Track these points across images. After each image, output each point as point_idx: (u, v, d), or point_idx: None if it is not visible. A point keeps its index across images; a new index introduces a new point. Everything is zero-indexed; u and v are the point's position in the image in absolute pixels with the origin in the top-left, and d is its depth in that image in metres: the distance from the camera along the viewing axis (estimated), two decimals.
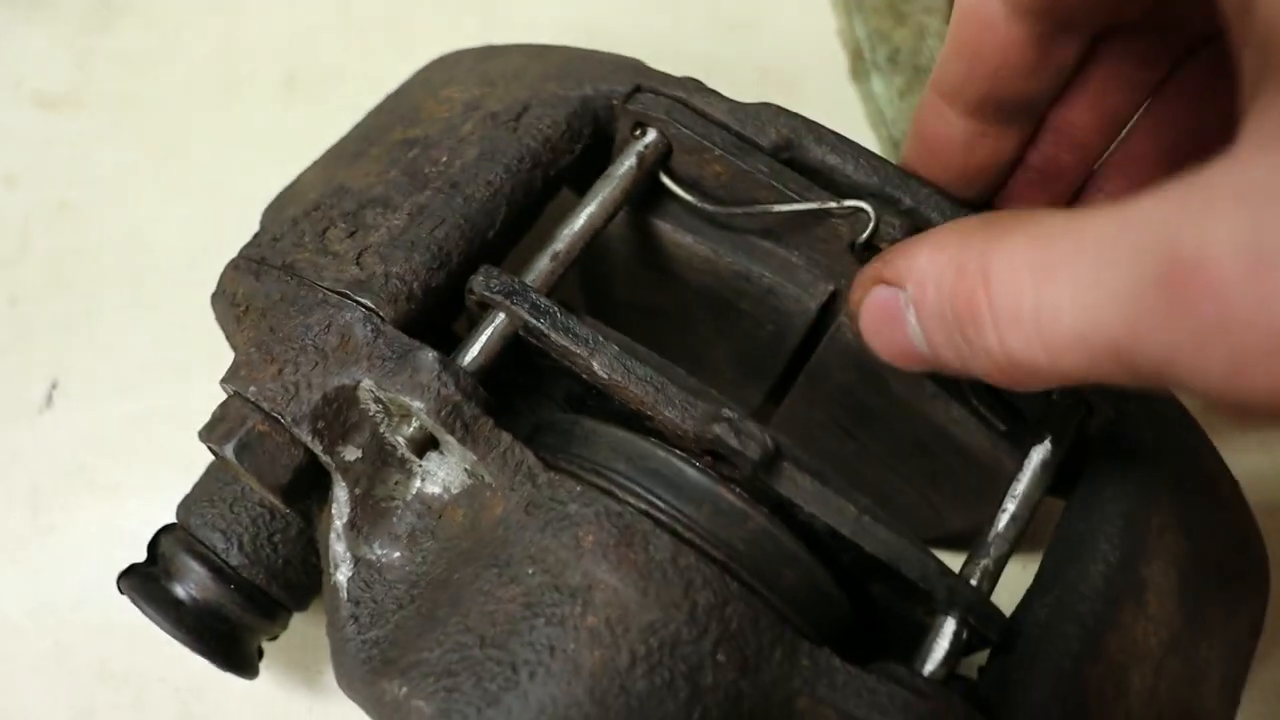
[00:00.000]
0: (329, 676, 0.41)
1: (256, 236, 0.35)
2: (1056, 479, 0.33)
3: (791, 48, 0.50)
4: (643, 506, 0.28)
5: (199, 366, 0.43)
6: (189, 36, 0.54)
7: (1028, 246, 0.23)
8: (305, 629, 0.41)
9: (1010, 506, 0.31)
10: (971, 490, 0.35)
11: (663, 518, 0.28)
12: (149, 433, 0.45)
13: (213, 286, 0.42)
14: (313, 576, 0.34)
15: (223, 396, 0.31)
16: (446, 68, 0.39)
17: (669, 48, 0.39)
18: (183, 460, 0.38)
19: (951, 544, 0.41)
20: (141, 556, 0.36)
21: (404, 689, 0.27)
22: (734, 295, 0.35)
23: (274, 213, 0.36)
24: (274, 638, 0.36)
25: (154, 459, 0.45)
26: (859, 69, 0.52)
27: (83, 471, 0.45)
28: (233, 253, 0.45)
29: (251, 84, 0.53)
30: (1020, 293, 0.23)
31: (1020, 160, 0.33)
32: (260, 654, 0.36)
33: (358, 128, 0.38)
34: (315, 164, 0.38)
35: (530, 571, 0.28)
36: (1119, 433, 0.33)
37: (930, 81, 0.32)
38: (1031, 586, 0.32)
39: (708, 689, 0.27)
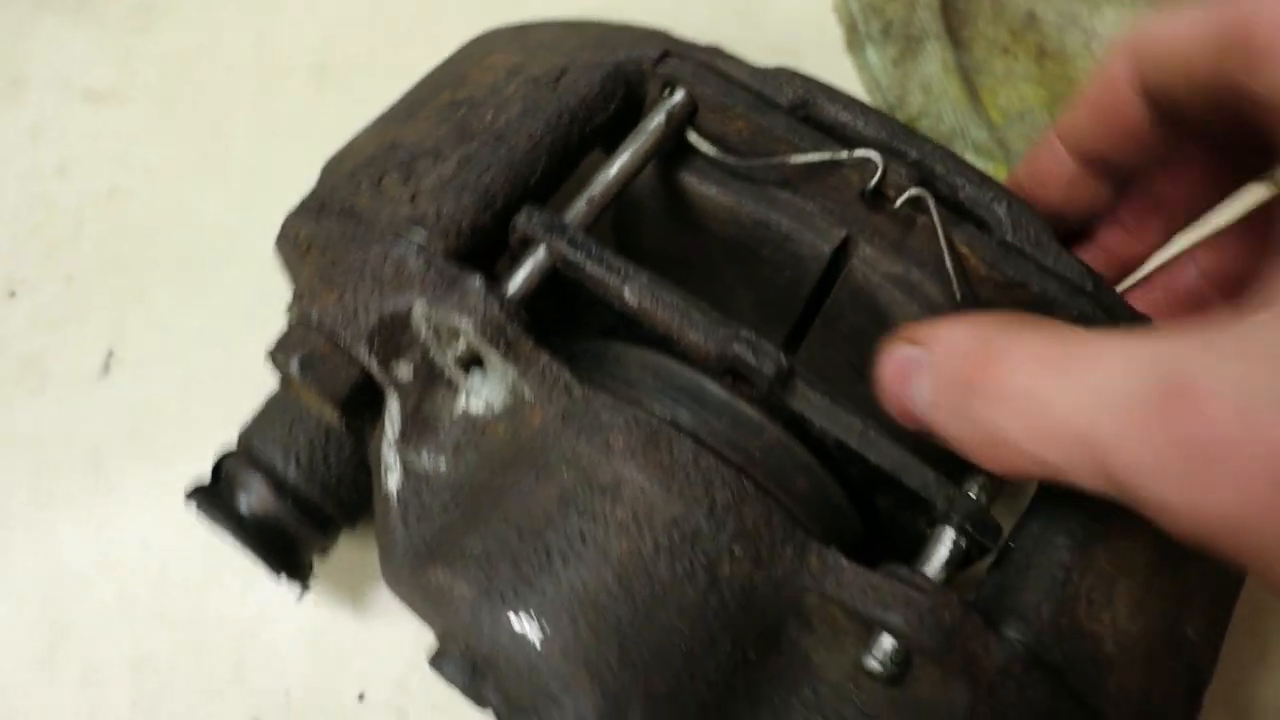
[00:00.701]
0: (374, 614, 0.44)
1: (315, 188, 0.38)
2: None
3: (791, 24, 0.53)
4: (668, 416, 0.31)
5: (244, 335, 0.46)
6: (225, 34, 0.57)
7: (1045, 342, 0.26)
8: (350, 564, 0.44)
9: None
10: None
11: (686, 426, 0.31)
12: (199, 396, 0.48)
13: (253, 262, 0.47)
14: (362, 495, 0.37)
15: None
16: (488, 41, 0.43)
17: (676, 31, 0.43)
18: (231, 420, 0.41)
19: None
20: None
21: (448, 575, 0.30)
22: (755, 243, 0.38)
23: (332, 168, 0.39)
24: (325, 552, 0.39)
25: (204, 420, 0.47)
26: (854, 41, 0.56)
27: (139, 434, 0.48)
28: (272, 229, 0.49)
29: (286, 76, 0.56)
30: (1023, 377, 0.26)
31: (1112, 213, 0.37)
32: (311, 568, 0.39)
33: (408, 94, 0.42)
34: (368, 127, 0.41)
35: (565, 472, 0.31)
36: None
37: (1056, 122, 0.36)
38: (1027, 508, 0.34)
39: (724, 579, 0.30)
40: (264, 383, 0.41)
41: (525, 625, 0.29)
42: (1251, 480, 0.21)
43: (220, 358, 0.49)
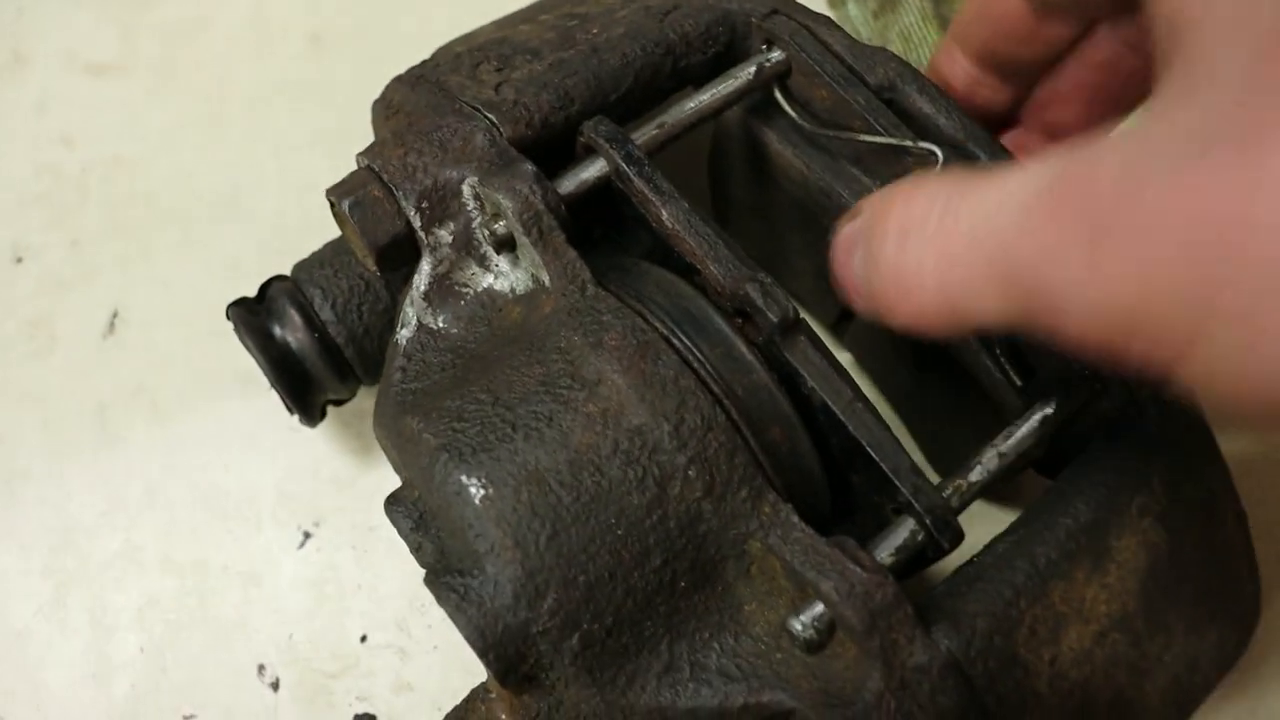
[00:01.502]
0: (373, 559, 0.46)
1: (424, 62, 0.40)
2: (1051, 456, 0.35)
3: None
4: (664, 332, 0.32)
5: (243, 295, 0.47)
6: (221, 4, 0.59)
7: (950, 179, 0.26)
8: (350, 519, 0.46)
9: (1000, 444, 0.33)
10: (983, 434, 0.37)
11: (678, 345, 0.32)
12: (201, 354, 0.50)
13: (253, 223, 0.50)
14: (383, 353, 0.39)
15: None
16: None
17: None
18: (230, 376, 0.43)
19: None
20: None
21: (420, 424, 0.32)
22: (819, 210, 0.38)
23: (445, 49, 0.41)
24: (339, 402, 0.41)
25: (206, 376, 0.49)
26: None
27: (143, 390, 0.49)
28: (271, 193, 0.52)
29: (281, 43, 0.58)
30: (929, 207, 0.25)
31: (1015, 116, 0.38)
32: (324, 413, 0.41)
33: (539, 2, 0.44)
34: (492, 22, 0.43)
35: (554, 358, 0.32)
36: (1126, 422, 0.34)
37: (950, 26, 0.37)
38: (999, 533, 0.34)
39: (673, 497, 0.30)
40: None
41: (472, 483, 0.30)
42: (1141, 250, 0.20)
43: (221, 319, 0.49)
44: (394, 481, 0.35)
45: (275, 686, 0.43)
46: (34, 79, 0.57)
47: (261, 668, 0.44)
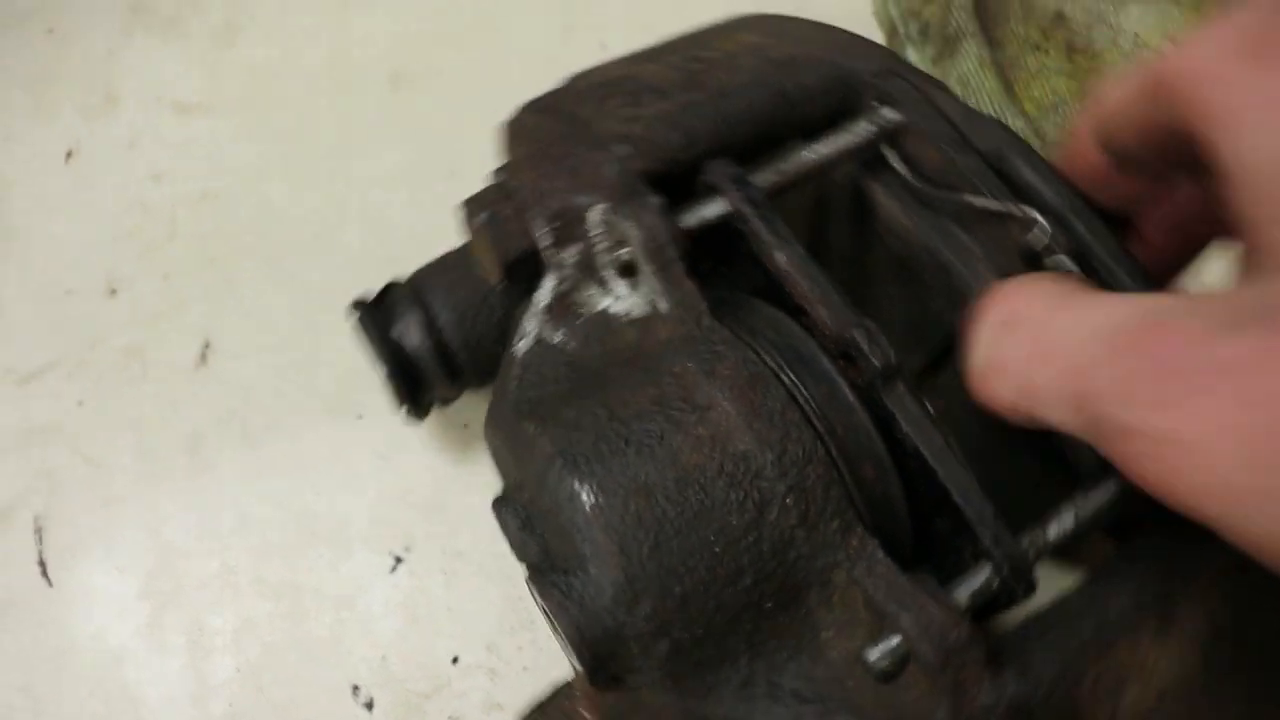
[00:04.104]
0: (462, 581, 0.47)
1: (553, 91, 0.43)
2: (1123, 521, 0.36)
3: None
4: (773, 367, 0.34)
5: (329, 325, 0.51)
6: (302, 47, 0.62)
7: (1060, 287, 0.29)
8: (438, 544, 0.48)
9: (1078, 503, 0.35)
10: (1056, 492, 0.39)
11: (786, 381, 0.34)
12: (289, 382, 0.52)
13: (337, 256, 0.53)
14: (492, 362, 0.41)
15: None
16: (743, 20, 0.47)
17: None
18: (319, 403, 0.45)
19: None
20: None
21: (538, 429, 0.34)
22: (918, 266, 0.40)
23: (576, 80, 0.44)
24: (445, 401, 0.44)
25: (294, 404, 0.51)
26: (895, 43, 0.59)
27: (234, 417, 0.52)
28: (353, 226, 0.54)
29: (360, 83, 0.61)
30: (1029, 308, 0.29)
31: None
32: (429, 409, 0.43)
33: (660, 44, 0.46)
34: (620, 58, 0.46)
35: (668, 381, 0.34)
36: None
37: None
38: (1068, 589, 0.35)
39: (770, 522, 0.32)
40: (350, 368, 0.48)
41: (584, 490, 0.32)
42: (1206, 398, 0.22)
43: (308, 346, 0.53)
44: (481, 505, 0.37)
45: (369, 706, 0.45)
46: (124, 118, 0.59)
47: (356, 688, 0.46)
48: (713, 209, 0.37)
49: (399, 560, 0.48)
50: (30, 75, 0.60)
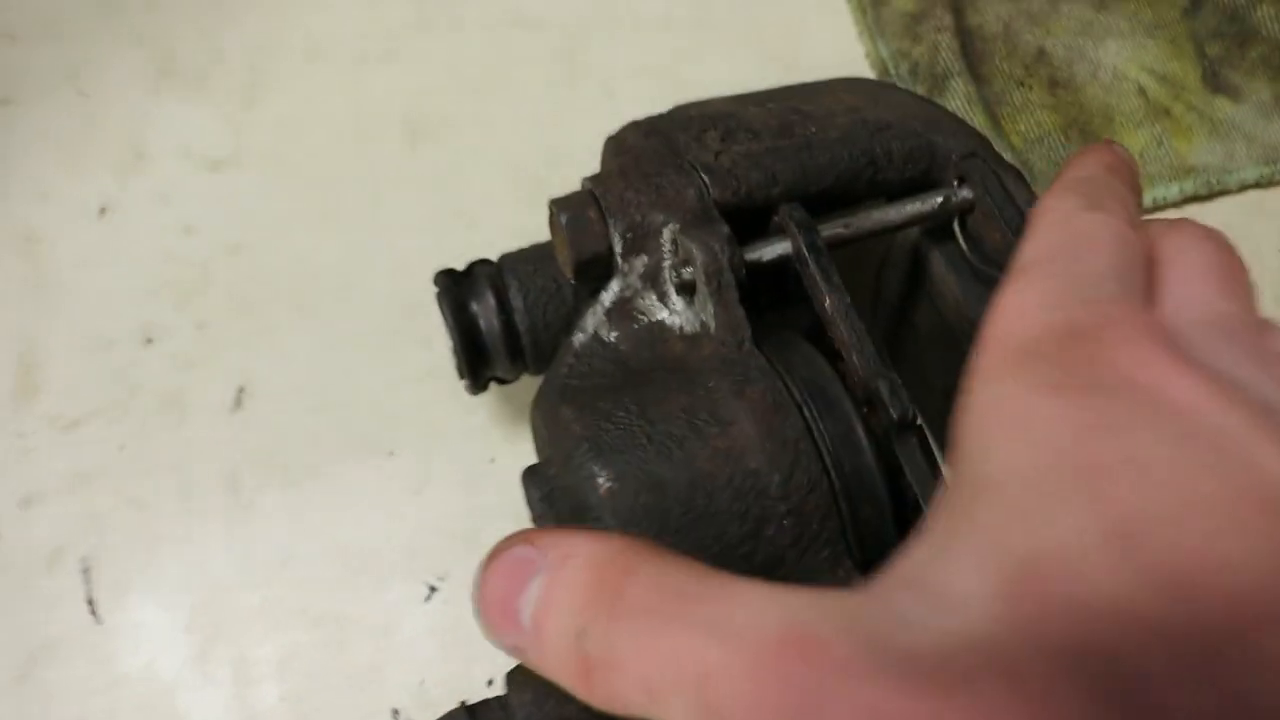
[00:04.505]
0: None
1: (660, 115, 0.46)
2: None
3: (829, 72, 0.53)
4: (798, 399, 0.37)
5: (361, 367, 0.53)
6: (324, 103, 0.64)
7: (678, 571, 0.25)
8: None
9: None
10: None
11: (806, 414, 0.36)
12: (324, 425, 0.54)
13: (366, 302, 0.56)
14: (555, 351, 0.45)
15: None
16: (850, 82, 0.49)
17: (739, 82, 0.48)
18: (356, 442, 0.47)
19: None
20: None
21: (573, 415, 0.37)
22: (964, 340, 0.42)
23: (681, 110, 0.47)
24: (504, 381, 0.47)
25: (329, 444, 0.53)
26: None
27: (272, 458, 0.53)
28: (380, 273, 0.57)
29: (378, 135, 0.62)
30: (648, 596, 0.24)
31: None
32: (487, 385, 0.47)
33: (770, 90, 0.49)
34: (727, 97, 0.49)
35: (700, 393, 0.37)
36: None
37: None
38: None
39: (765, 538, 0.35)
40: (380, 407, 0.51)
41: (602, 475, 0.35)
42: None
43: (340, 387, 0.54)
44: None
45: None
46: (154, 173, 0.61)
47: (396, 712, 0.48)
48: (777, 248, 0.40)
49: (433, 589, 0.50)
50: (63, 135, 0.62)
